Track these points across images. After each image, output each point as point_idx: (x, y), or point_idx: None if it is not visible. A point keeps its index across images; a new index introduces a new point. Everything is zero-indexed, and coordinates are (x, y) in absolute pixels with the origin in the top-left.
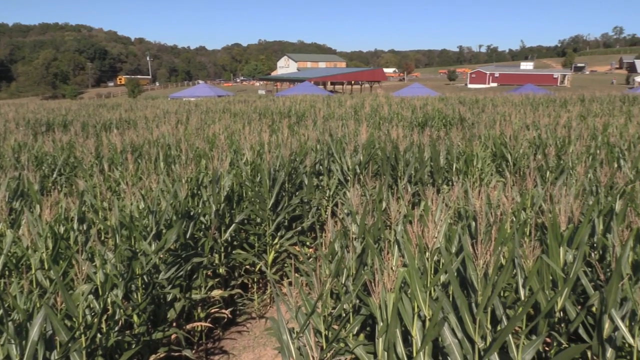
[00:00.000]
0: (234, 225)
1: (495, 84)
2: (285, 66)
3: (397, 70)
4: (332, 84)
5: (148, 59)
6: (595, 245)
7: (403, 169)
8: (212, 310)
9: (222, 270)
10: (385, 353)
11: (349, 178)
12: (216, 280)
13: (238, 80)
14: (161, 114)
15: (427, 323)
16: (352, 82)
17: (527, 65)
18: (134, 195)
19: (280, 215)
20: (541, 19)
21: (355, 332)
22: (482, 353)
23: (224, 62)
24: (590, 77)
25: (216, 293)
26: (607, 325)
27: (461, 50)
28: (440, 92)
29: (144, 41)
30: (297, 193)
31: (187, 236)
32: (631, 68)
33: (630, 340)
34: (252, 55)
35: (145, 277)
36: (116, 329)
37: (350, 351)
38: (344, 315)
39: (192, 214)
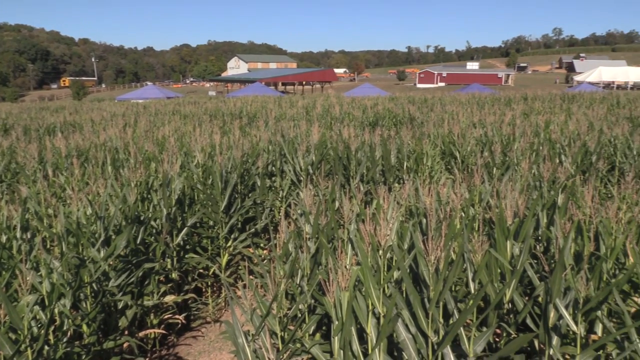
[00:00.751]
0: (186, 228)
1: (443, 84)
2: (236, 67)
3: (347, 71)
4: (283, 84)
5: (93, 60)
6: (540, 237)
7: (355, 168)
8: (166, 316)
9: (174, 275)
10: (341, 351)
11: (301, 178)
12: (169, 285)
13: (188, 82)
14: (108, 117)
15: (382, 320)
16: (303, 82)
17: (473, 65)
18: (81, 201)
19: (233, 218)
20: (486, 20)
21: (311, 332)
22: (435, 347)
23: (172, 63)
24: (532, 76)
25: (169, 299)
26: (552, 314)
27: (410, 51)
28: (390, 92)
29: (89, 42)
30: (249, 195)
31: (138, 241)
32: (570, 68)
33: (574, 327)
34: (201, 56)
35: (94, 285)
36: (65, 340)
37: (307, 351)
38: (299, 315)
39: (142, 218)
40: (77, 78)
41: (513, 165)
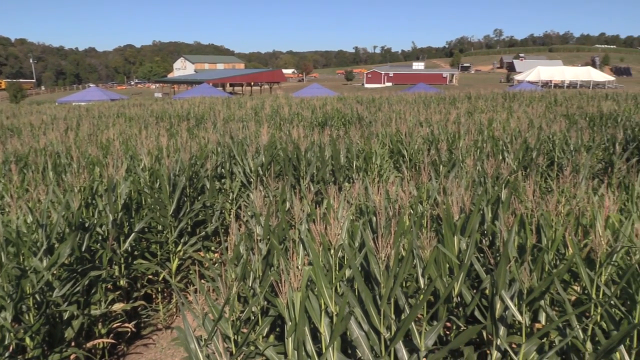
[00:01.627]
0: (133, 234)
1: (390, 84)
2: (182, 68)
3: (295, 71)
4: (231, 85)
5: (31, 61)
6: (485, 232)
7: (305, 168)
8: (114, 325)
9: (123, 282)
10: (295, 352)
11: (251, 180)
12: (117, 293)
13: (132, 83)
14: (49, 120)
15: (335, 318)
16: (252, 83)
17: (418, 66)
18: (20, 209)
19: (183, 221)
20: (430, 21)
21: (265, 334)
22: (388, 342)
23: (116, 64)
24: (475, 76)
25: (117, 307)
26: (498, 305)
27: (357, 51)
28: (339, 92)
29: (26, 42)
30: (199, 197)
31: (83, 249)
32: (510, 67)
33: (519, 317)
34: (146, 57)
35: (37, 295)
36: (7, 354)
37: (261, 353)
38: (252, 318)
39: (87, 225)
40: (14, 80)
41: (459, 163)
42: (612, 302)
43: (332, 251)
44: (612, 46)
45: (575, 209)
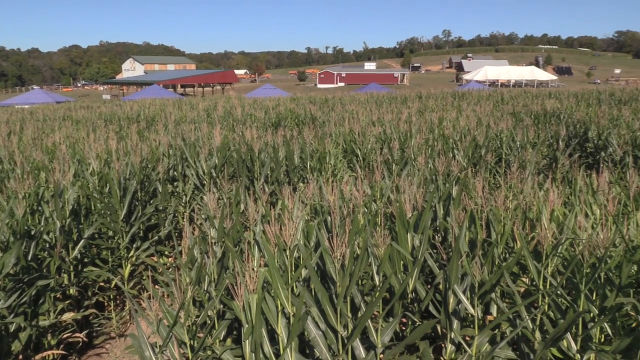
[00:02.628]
0: (83, 240)
1: (342, 84)
2: (131, 69)
3: (248, 72)
4: (182, 86)
5: None
6: (438, 228)
7: (259, 169)
8: (65, 336)
9: (73, 291)
10: (253, 354)
11: (205, 182)
12: (67, 302)
13: (79, 85)
14: None
15: (292, 319)
16: (203, 84)
17: (370, 66)
18: None
19: (135, 226)
20: (381, 22)
21: (221, 338)
22: (345, 341)
23: (61, 65)
24: (426, 75)
25: (67, 316)
26: (451, 299)
27: (309, 52)
28: (292, 93)
29: None
30: (151, 201)
31: (29, 258)
32: (459, 67)
33: (471, 310)
34: (93, 57)
35: None
36: None
37: (218, 357)
38: (209, 322)
39: (33, 232)
40: None
41: (411, 161)
42: (558, 292)
43: (287, 252)
44: (554, 46)
45: (522, 203)
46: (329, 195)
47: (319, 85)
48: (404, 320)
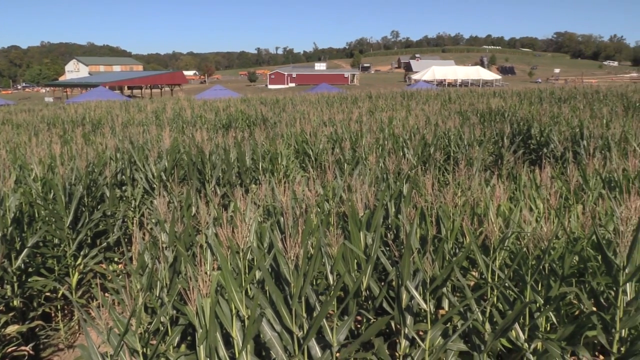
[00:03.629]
0: (26, 249)
1: (293, 84)
2: (75, 70)
3: (197, 73)
4: (129, 88)
5: None
6: (390, 226)
7: (210, 172)
8: (9, 350)
9: (17, 303)
10: (208, 359)
11: (154, 186)
12: (11, 314)
13: (20, 87)
14: None
15: (247, 322)
16: (151, 86)
17: (320, 66)
18: None
19: (82, 233)
20: (331, 23)
21: (175, 344)
22: (301, 341)
23: (0, 67)
24: (375, 75)
25: (11, 329)
26: (404, 295)
27: (259, 52)
28: (242, 94)
29: None
30: (98, 207)
31: None
32: (407, 67)
33: (424, 305)
34: (34, 58)
35: None
36: None
37: None
38: (161, 328)
39: None
40: None
41: (362, 160)
42: (506, 284)
43: (240, 254)
44: (497, 47)
45: (470, 199)
46: (282, 196)
47: (270, 86)
48: (359, 318)
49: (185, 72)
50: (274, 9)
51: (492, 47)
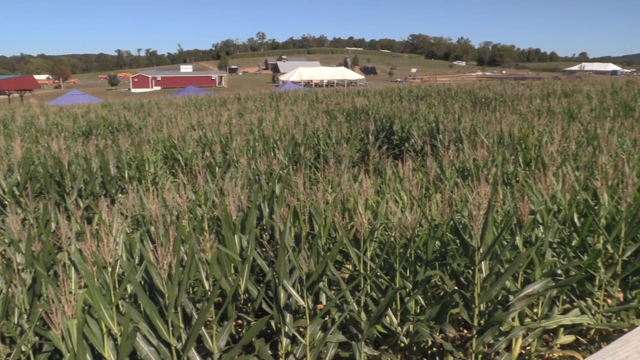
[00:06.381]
0: None
1: (159, 87)
2: None
3: (51, 77)
4: None
5: None
6: (265, 227)
7: (70, 183)
8: None
9: None
10: None
11: (6, 202)
12: None
13: None
14: None
15: (119, 339)
16: None
17: (186, 68)
18: None
19: None
20: (195, 24)
21: None
22: (180, 353)
23: None
24: (243, 77)
25: None
26: (282, 294)
27: (120, 55)
28: (103, 98)
29: None
30: None
31: None
32: (275, 68)
33: (302, 302)
34: None
35: None
36: None
37: None
38: (23, 358)
39: None
40: None
41: (233, 163)
42: (377, 273)
43: (108, 269)
44: (359, 48)
45: (340, 195)
46: (151, 204)
47: (133, 90)
48: (239, 322)
49: (37, 76)
50: (133, 9)
51: (355, 48)
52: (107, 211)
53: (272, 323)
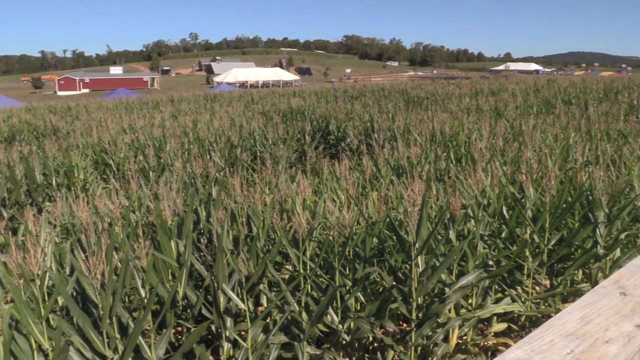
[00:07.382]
0: None
1: (87, 90)
2: None
3: None
4: None
5: None
6: (202, 231)
7: None
8: None
9: None
10: None
11: None
12: None
13: None
14: None
15: (51, 355)
16: None
17: (116, 70)
18: None
19: None
20: (125, 24)
21: None
22: None
23: None
24: (176, 79)
25: None
26: (222, 298)
27: (44, 56)
28: (27, 102)
29: None
30: None
31: None
32: (209, 70)
33: (242, 305)
34: None
35: None
36: None
37: None
38: None
39: None
40: None
41: (168, 166)
42: (317, 272)
43: (37, 281)
44: (294, 49)
45: (278, 196)
46: (81, 212)
47: (60, 93)
48: (179, 329)
49: None
50: (57, 7)
51: (289, 49)
52: (33, 221)
53: (213, 328)
